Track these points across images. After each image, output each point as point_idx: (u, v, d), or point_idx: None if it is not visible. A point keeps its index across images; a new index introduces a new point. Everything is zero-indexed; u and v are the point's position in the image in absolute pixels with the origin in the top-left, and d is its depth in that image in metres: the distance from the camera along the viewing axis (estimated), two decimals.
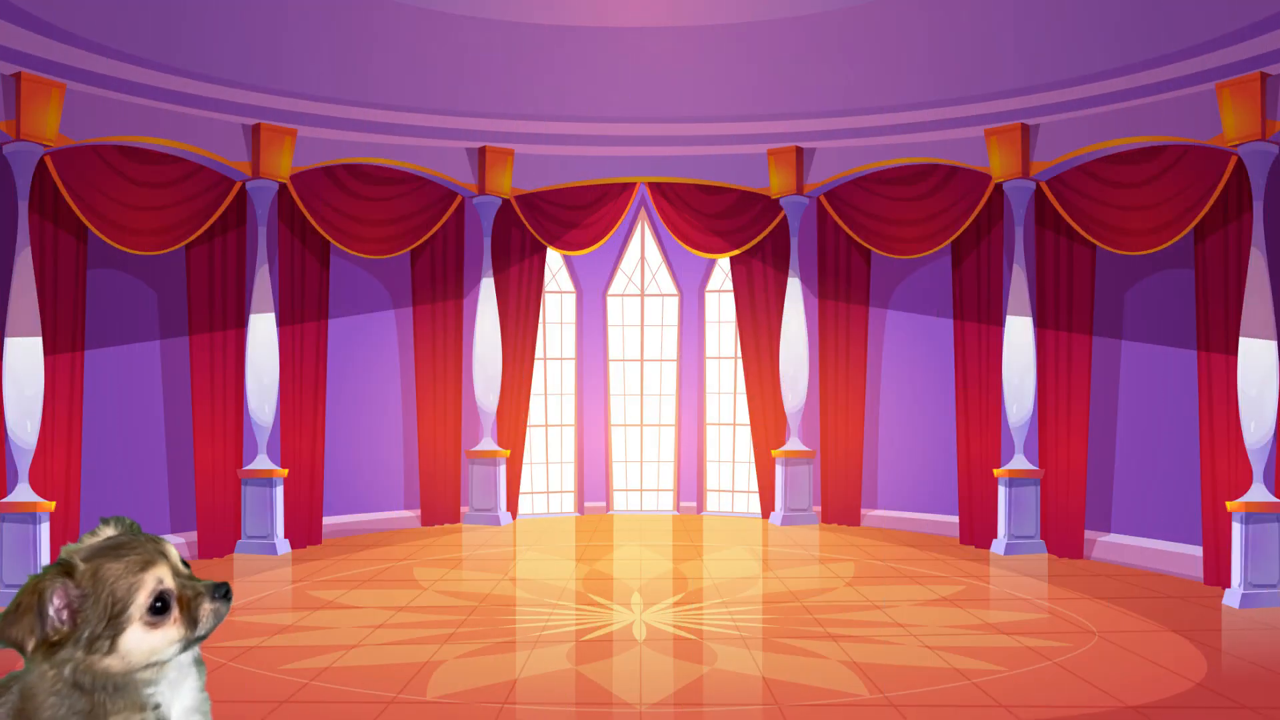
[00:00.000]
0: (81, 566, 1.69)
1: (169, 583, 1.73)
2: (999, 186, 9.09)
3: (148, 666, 1.72)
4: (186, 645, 1.74)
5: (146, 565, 1.72)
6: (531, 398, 10.96)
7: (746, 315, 10.71)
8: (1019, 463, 8.87)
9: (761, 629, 6.17)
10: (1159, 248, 7.98)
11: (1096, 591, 7.25)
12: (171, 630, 1.74)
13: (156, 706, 1.74)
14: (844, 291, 10.34)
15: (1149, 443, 8.56)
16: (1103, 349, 8.80)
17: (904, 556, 8.65)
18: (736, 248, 10.49)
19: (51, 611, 1.67)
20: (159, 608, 1.73)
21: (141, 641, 1.72)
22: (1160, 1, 7.02)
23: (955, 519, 9.65)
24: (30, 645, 1.66)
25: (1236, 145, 7.33)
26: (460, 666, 5.29)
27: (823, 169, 10.02)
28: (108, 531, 1.82)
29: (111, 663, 1.71)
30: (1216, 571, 7.43)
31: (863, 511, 10.42)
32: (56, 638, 1.66)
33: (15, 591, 1.95)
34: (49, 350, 7.35)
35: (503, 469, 10.39)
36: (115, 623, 1.69)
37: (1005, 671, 5.19)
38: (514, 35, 8.25)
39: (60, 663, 1.69)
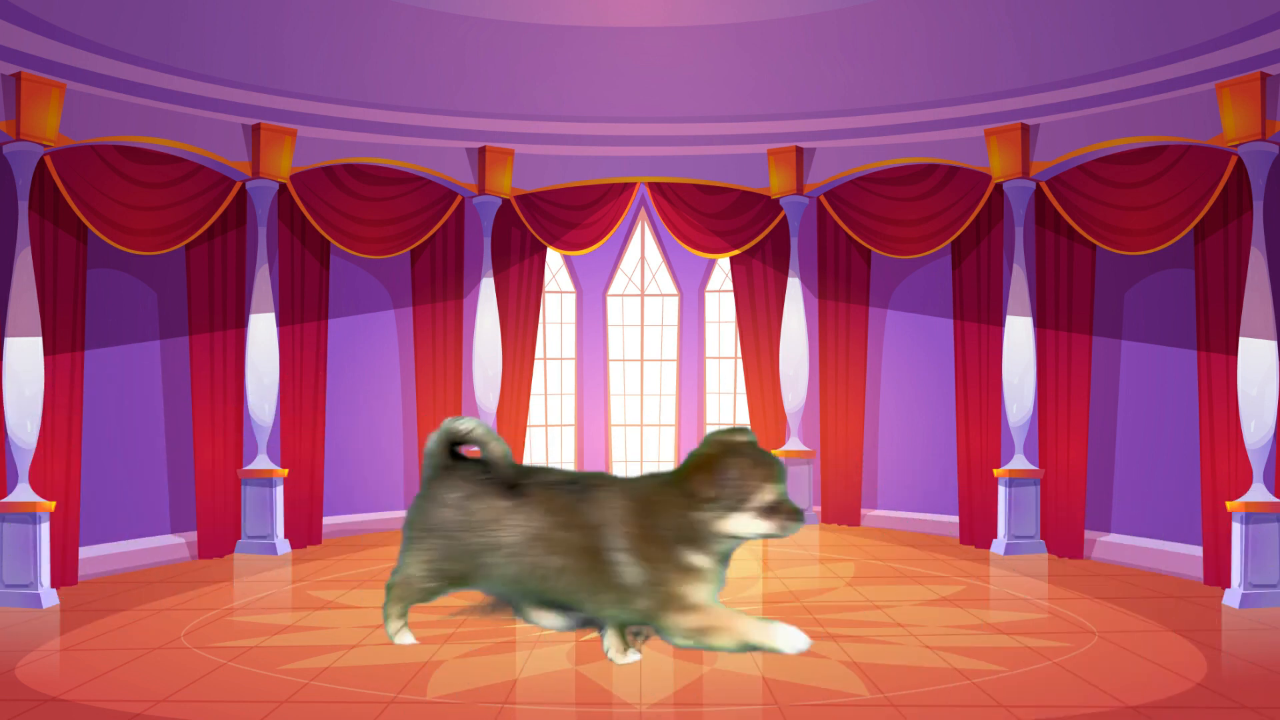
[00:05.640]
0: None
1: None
2: (999, 186, 9.09)
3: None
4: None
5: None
6: (531, 398, 10.96)
7: (746, 315, 10.71)
8: (1019, 462, 8.87)
9: None
10: (1159, 248, 7.98)
11: (1096, 591, 7.25)
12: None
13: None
14: (844, 291, 10.34)
15: (1149, 443, 8.55)
16: (1103, 349, 8.80)
17: (904, 556, 8.65)
18: (736, 248, 10.48)
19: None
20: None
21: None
22: (1160, 1, 7.02)
23: (955, 519, 9.64)
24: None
25: (1236, 145, 7.33)
26: (460, 666, 5.30)
27: (823, 169, 10.02)
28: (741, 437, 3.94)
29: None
30: (1216, 571, 7.43)
31: (863, 511, 10.42)
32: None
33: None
34: (49, 350, 7.34)
35: None
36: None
37: (1005, 671, 5.19)
38: (514, 35, 8.25)
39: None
